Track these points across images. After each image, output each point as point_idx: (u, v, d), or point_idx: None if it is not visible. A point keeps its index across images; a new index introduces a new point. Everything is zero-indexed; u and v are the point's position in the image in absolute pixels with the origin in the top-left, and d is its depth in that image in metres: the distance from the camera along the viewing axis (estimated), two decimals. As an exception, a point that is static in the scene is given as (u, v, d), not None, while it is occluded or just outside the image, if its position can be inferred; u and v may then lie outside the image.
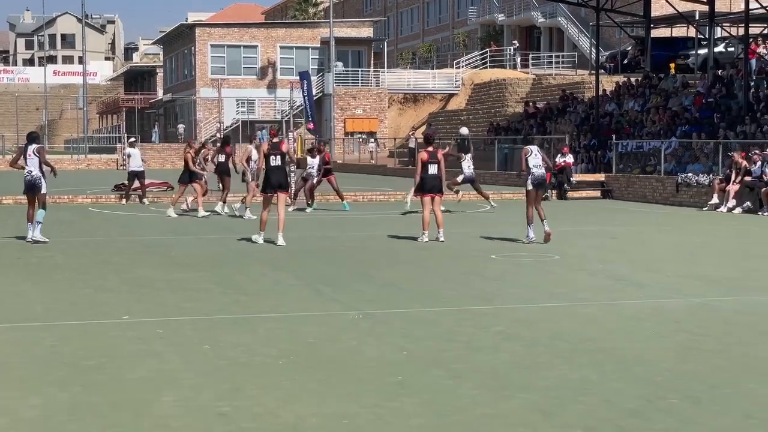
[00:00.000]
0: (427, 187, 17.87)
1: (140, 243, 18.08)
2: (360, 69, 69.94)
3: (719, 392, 7.43)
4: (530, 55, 69.42)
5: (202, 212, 23.34)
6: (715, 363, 8.43)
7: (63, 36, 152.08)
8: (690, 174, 29.37)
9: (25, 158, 17.65)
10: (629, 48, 50.85)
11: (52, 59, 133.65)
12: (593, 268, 14.53)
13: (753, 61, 35.82)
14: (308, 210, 25.52)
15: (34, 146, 17.66)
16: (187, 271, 14.02)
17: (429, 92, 69.52)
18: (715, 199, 26.87)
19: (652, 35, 44.39)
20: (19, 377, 7.85)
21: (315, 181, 25.78)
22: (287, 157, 17.56)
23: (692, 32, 46.99)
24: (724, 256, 16.63)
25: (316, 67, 69.79)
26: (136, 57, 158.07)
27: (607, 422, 6.64)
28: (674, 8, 42.40)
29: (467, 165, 25.98)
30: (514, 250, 16.80)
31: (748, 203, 25.82)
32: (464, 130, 41.02)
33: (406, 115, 69.55)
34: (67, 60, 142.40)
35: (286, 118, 66.24)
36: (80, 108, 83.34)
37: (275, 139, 17.64)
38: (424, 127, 60.73)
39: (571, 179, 32.84)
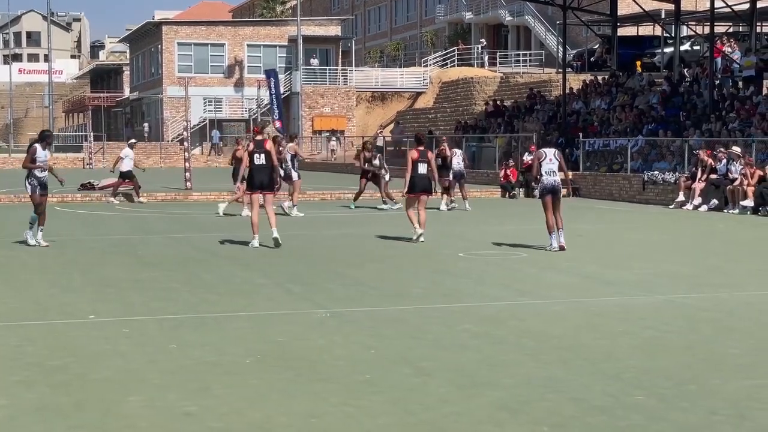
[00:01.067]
0: (418, 187, 17.69)
1: (107, 242, 17.98)
2: (328, 67, 69.87)
3: (685, 389, 7.47)
4: (498, 54, 69.64)
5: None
6: (681, 360, 8.48)
7: (28, 34, 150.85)
8: (656, 172, 29.55)
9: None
10: (596, 46, 51.06)
11: (17, 57, 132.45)
12: (560, 266, 14.58)
13: (718, 60, 36.06)
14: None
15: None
16: (154, 271, 13.95)
17: (397, 90, 69.57)
18: (681, 197, 27.05)
19: (618, 34, 44.62)
20: (-17, 378, 7.78)
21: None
22: (272, 155, 16.90)
23: (658, 31, 47.27)
24: (690, 254, 16.74)
25: (284, 65, 69.65)
26: (102, 55, 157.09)
27: (575, 419, 6.67)
28: (640, 7, 42.64)
29: (457, 161, 26.32)
30: (481, 249, 16.84)
31: (714, 201, 26.00)
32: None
33: (374, 113, 69.57)
34: (33, 58, 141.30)
35: (253, 117, 66.20)
36: (46, 106, 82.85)
37: (258, 137, 17.17)
38: (392, 126, 60.76)
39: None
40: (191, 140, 39.46)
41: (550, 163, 16.64)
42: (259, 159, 16.75)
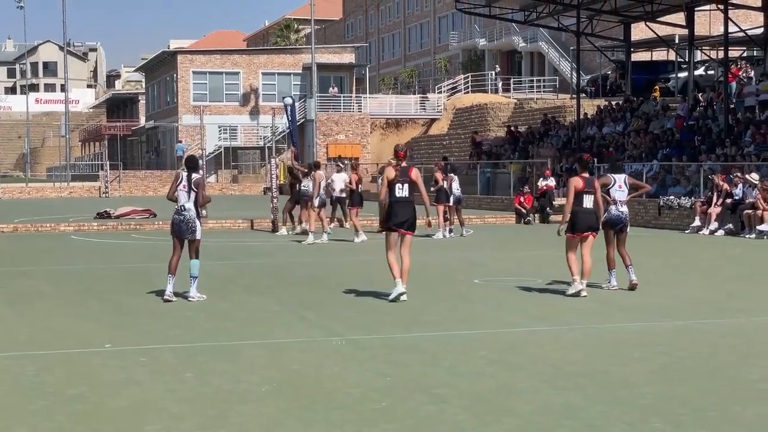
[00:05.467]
0: (582, 224, 14.05)
1: (123, 270, 18.01)
2: (342, 95, 70.06)
3: (704, 415, 7.43)
4: (512, 80, 69.73)
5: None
6: (700, 386, 8.43)
7: (45, 64, 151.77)
8: (672, 197, 29.48)
9: (187, 191, 13.60)
10: (610, 72, 51.14)
11: (33, 87, 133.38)
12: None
13: (733, 84, 36.04)
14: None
15: (194, 176, 13.68)
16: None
17: (411, 117, 69.71)
18: (697, 222, 26.96)
19: (632, 59, 44.66)
20: (2, 406, 7.80)
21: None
22: (419, 187, 13.58)
23: (672, 56, 47.30)
24: (707, 279, 16.67)
25: (299, 93, 69.89)
26: (118, 84, 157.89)
27: (592, 446, 6.63)
28: (654, 32, 42.68)
29: (456, 186, 26.29)
30: (497, 275, 16.80)
31: (730, 225, 25.91)
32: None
33: (389, 140, 69.64)
34: (49, 88, 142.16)
35: (268, 144, 66.36)
36: (62, 136, 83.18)
37: (403, 163, 13.68)
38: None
39: (554, 202, 32.92)
40: (206, 168, 39.55)
41: (620, 190, 14.48)
42: (402, 190, 13.42)
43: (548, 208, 32.50)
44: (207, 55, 72.78)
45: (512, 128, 48.04)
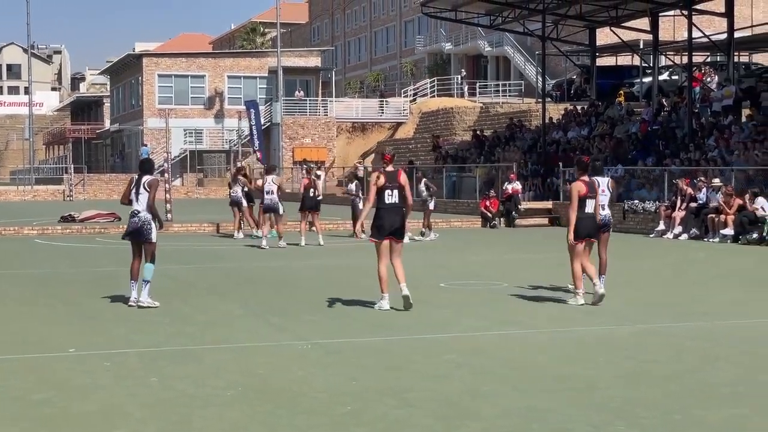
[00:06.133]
0: (585, 230, 13.66)
1: (87, 274, 17.87)
2: (308, 98, 70.00)
3: (669, 418, 7.46)
4: (477, 84, 69.91)
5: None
6: (665, 389, 8.47)
7: (9, 66, 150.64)
8: (636, 201, 29.65)
9: (137, 193, 13.52)
10: (575, 76, 51.36)
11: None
12: (542, 296, 14.57)
13: (697, 89, 36.29)
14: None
15: (146, 178, 13.54)
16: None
17: (377, 121, 69.73)
18: (661, 226, 27.13)
19: (597, 64, 44.90)
20: (-38, 413, 7.71)
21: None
22: (407, 192, 13.14)
23: (637, 61, 47.59)
24: (672, 283, 16.77)
25: (264, 96, 69.74)
26: (83, 87, 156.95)
27: (558, 450, 6.64)
28: (619, 37, 42.90)
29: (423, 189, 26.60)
30: (463, 279, 16.81)
31: (695, 229, 26.10)
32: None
33: (355, 143, 69.66)
34: (13, 90, 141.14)
35: (234, 148, 66.18)
36: (26, 139, 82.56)
37: (390, 168, 13.30)
38: (372, 156, 60.84)
39: (519, 206, 33.03)
40: (172, 172, 39.39)
41: (603, 194, 14.07)
42: (392, 197, 12.97)
43: (514, 212, 32.60)
44: (172, 58, 72.48)
45: (478, 132, 48.16)
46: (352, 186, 26.75)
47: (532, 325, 11.96)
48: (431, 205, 26.48)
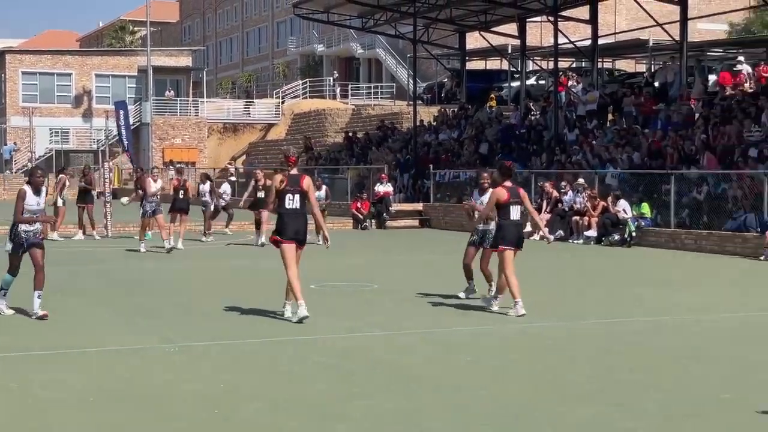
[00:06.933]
0: (512, 236, 13.78)
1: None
2: (179, 98, 69.14)
3: (531, 417, 7.61)
4: (349, 86, 70.10)
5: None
6: (528, 388, 8.63)
7: None
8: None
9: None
10: (446, 80, 51.93)
11: None
12: (411, 298, 14.68)
13: (562, 94, 37.08)
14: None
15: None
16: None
17: (249, 122, 69.30)
18: (528, 228, 27.58)
19: (467, 68, 45.50)
20: None
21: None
22: (309, 197, 12.47)
23: (506, 65, 48.38)
24: (536, 284, 17.06)
25: (134, 96, 68.61)
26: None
27: (423, 450, 6.71)
28: (488, 42, 43.57)
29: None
30: (334, 279, 16.84)
31: (560, 231, 26.66)
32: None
33: (226, 144, 69.07)
34: None
35: (102, 148, 64.87)
36: None
37: (293, 171, 12.57)
38: (243, 157, 60.44)
39: (390, 208, 33.24)
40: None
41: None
42: (292, 201, 12.30)
43: (385, 214, 32.79)
44: (37, 55, 70.71)
45: (350, 134, 48.30)
46: (205, 186, 26.26)
47: (400, 326, 12.05)
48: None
